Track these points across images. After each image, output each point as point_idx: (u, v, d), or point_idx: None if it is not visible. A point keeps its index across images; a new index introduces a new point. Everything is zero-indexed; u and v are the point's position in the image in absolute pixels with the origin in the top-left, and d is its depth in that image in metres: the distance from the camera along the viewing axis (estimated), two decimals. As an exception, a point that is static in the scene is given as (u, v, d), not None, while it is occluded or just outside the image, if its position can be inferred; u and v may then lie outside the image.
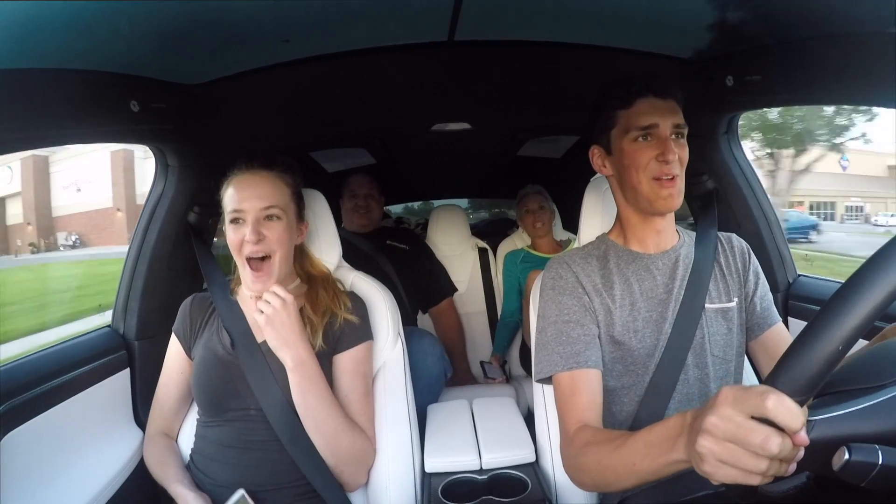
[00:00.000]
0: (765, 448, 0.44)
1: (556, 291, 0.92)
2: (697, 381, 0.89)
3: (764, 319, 0.94)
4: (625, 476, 0.66)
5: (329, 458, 0.94)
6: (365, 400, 1.02)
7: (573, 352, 0.86)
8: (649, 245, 0.93)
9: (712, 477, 0.48)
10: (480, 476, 1.06)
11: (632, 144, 0.87)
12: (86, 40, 0.82)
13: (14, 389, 0.90)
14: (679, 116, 0.87)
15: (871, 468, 0.41)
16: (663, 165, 0.84)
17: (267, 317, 0.92)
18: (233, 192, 0.96)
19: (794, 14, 0.87)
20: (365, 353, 1.03)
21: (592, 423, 0.81)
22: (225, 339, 1.00)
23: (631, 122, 0.86)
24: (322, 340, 0.98)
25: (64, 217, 10.32)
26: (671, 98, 0.87)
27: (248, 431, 0.95)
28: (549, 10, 1.00)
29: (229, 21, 0.89)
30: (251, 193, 0.95)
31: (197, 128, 1.17)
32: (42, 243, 9.96)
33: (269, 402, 0.94)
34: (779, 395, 0.44)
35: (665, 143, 0.84)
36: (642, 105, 0.86)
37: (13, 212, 10.30)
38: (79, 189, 8.02)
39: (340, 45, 1.12)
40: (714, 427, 0.47)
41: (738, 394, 0.47)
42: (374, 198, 1.97)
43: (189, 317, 1.06)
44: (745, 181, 1.31)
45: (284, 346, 0.92)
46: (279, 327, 0.92)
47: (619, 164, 0.90)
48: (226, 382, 0.97)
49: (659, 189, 0.85)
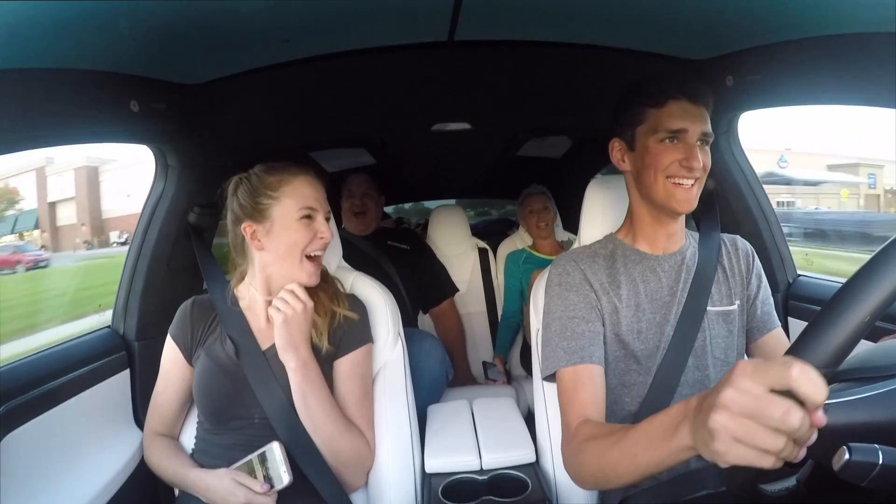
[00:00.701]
0: (785, 421, 0.41)
1: (563, 287, 0.92)
2: (698, 383, 0.89)
3: (763, 324, 0.94)
4: (625, 470, 0.65)
5: (328, 459, 0.94)
6: (363, 402, 1.02)
7: (577, 347, 0.86)
8: (658, 246, 0.93)
9: (722, 458, 0.46)
10: (481, 476, 1.06)
11: (658, 145, 0.85)
12: (85, 40, 0.81)
13: (14, 390, 0.90)
14: (708, 125, 0.85)
15: (871, 468, 0.41)
16: (685, 171, 0.83)
17: (285, 316, 0.92)
18: (305, 189, 0.98)
19: (795, 14, 0.87)
20: (363, 357, 1.03)
21: (594, 419, 0.81)
22: (229, 347, 0.99)
23: (661, 122, 0.85)
24: (328, 342, 0.98)
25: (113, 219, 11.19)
26: (703, 105, 0.85)
27: (252, 438, 0.94)
28: (549, 10, 1.00)
29: (229, 21, 0.89)
30: (320, 196, 1.00)
31: (197, 128, 1.17)
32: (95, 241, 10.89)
33: (272, 407, 0.94)
34: (803, 365, 0.41)
35: (692, 150, 0.83)
36: (674, 107, 0.84)
37: (67, 214, 11.32)
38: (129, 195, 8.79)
39: (340, 45, 1.12)
40: (731, 401, 0.44)
41: (758, 365, 0.44)
42: (372, 198, 1.95)
43: (190, 323, 1.04)
44: (745, 181, 1.31)
45: (292, 348, 0.92)
46: (294, 329, 0.93)
47: (639, 162, 0.89)
48: (230, 392, 0.96)
49: (675, 190, 0.85)
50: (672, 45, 1.15)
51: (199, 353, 1.01)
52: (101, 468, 1.02)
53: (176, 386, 1.03)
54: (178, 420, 1.07)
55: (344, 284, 1.11)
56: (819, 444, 0.44)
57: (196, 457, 1.00)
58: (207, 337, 1.03)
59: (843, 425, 0.44)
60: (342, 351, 1.01)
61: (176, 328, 1.05)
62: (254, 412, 0.95)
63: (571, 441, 0.80)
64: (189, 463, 0.97)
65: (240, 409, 0.96)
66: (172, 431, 1.06)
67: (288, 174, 0.99)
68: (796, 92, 1.02)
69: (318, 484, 0.93)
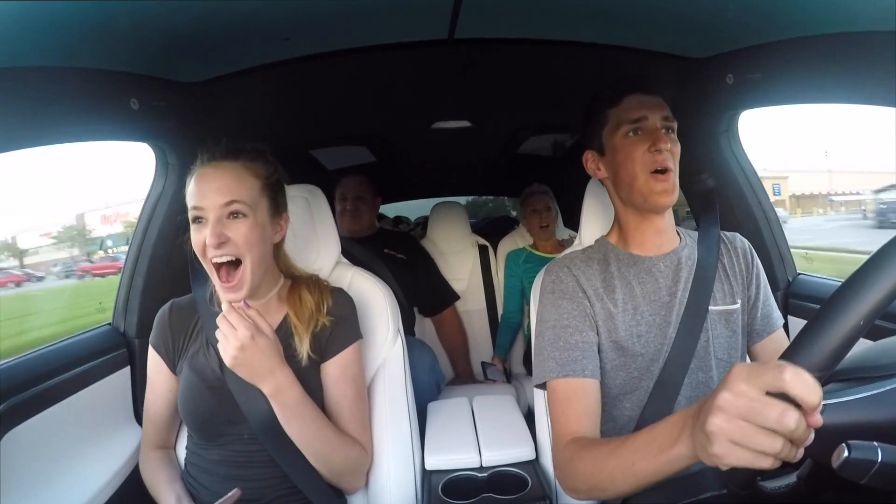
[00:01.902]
0: (781, 423, 0.42)
1: (556, 295, 0.91)
2: (701, 385, 0.87)
3: (764, 327, 0.93)
4: (622, 479, 0.64)
5: (323, 472, 0.90)
6: (356, 406, 0.95)
7: (570, 358, 0.85)
8: (649, 247, 0.92)
9: (721, 461, 0.46)
10: (481, 474, 1.06)
11: (624, 140, 0.87)
12: (85, 38, 0.81)
13: (14, 387, 0.90)
14: (667, 110, 0.88)
15: (870, 466, 0.41)
16: (656, 155, 0.84)
17: (233, 358, 0.79)
18: (192, 187, 0.84)
19: (795, 12, 0.87)
20: (353, 356, 0.95)
21: (588, 434, 0.80)
22: (213, 359, 0.91)
23: (621, 117, 0.88)
24: (310, 348, 0.91)
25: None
26: (658, 95, 0.89)
27: (242, 454, 0.90)
28: (548, 8, 1.00)
29: (229, 19, 0.89)
30: (211, 188, 0.82)
31: (197, 126, 1.17)
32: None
33: (259, 424, 0.87)
34: (796, 369, 0.42)
35: (656, 133, 0.85)
36: (630, 101, 0.88)
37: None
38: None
39: (341, 42, 1.12)
40: (727, 403, 0.45)
41: (753, 369, 0.44)
42: (365, 200, 1.91)
43: (169, 330, 0.97)
44: (745, 179, 1.31)
45: (258, 379, 0.83)
46: (253, 361, 0.80)
47: (613, 163, 0.90)
48: (216, 408, 0.89)
49: (654, 183, 0.85)
50: (672, 44, 1.15)
51: (182, 365, 0.95)
52: (101, 465, 1.02)
53: (164, 398, 0.97)
54: (171, 430, 1.02)
55: (342, 281, 1.10)
56: (817, 444, 0.44)
57: (189, 469, 0.96)
58: (190, 346, 0.96)
59: (841, 425, 0.44)
60: (329, 353, 0.93)
61: (156, 337, 0.97)
62: (242, 429, 0.89)
63: (564, 451, 0.79)
64: (165, 488, 0.92)
65: (227, 426, 0.90)
66: (167, 442, 1.03)
67: (197, 165, 0.87)
68: (796, 90, 1.01)
69: (313, 497, 0.90)
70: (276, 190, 0.92)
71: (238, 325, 0.79)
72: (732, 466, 0.46)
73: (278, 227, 0.93)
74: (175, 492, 0.92)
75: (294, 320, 0.92)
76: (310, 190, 1.12)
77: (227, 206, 0.82)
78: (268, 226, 0.89)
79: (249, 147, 0.90)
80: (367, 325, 1.08)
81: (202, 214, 0.83)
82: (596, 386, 0.85)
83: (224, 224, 0.82)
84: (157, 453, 1.01)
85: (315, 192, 1.13)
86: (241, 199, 0.83)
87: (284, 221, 0.95)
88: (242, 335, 0.78)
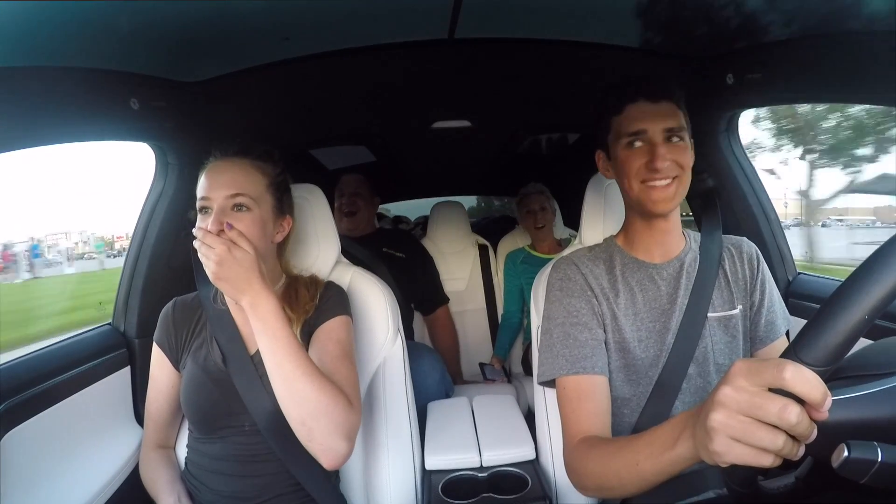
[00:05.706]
0: (783, 417, 0.41)
1: (564, 293, 0.91)
2: (700, 391, 0.87)
3: (767, 333, 0.92)
4: (627, 478, 0.65)
5: (293, 412, 0.80)
6: (340, 362, 0.90)
7: (580, 356, 0.85)
8: (654, 254, 0.92)
9: (721, 458, 0.46)
10: (481, 474, 1.06)
11: (624, 151, 0.86)
12: (85, 38, 0.81)
13: (15, 387, 0.90)
14: (672, 119, 0.84)
15: (870, 465, 0.41)
16: (652, 173, 0.83)
17: (211, 270, 0.79)
18: (203, 180, 0.88)
19: (795, 12, 0.87)
20: (339, 324, 0.94)
21: (600, 432, 0.80)
22: (216, 353, 0.93)
23: (622, 128, 0.86)
24: (301, 334, 0.92)
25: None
26: (664, 100, 0.84)
27: (243, 446, 0.91)
28: (548, 7, 1.00)
29: (229, 19, 0.89)
30: (219, 180, 0.86)
31: (197, 125, 1.17)
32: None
33: (261, 415, 0.88)
34: (796, 365, 0.42)
35: (654, 150, 0.82)
36: (632, 111, 0.85)
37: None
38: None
39: (341, 42, 1.12)
40: (728, 398, 0.44)
41: (753, 365, 0.44)
42: (363, 197, 1.91)
43: (173, 326, 0.99)
44: (746, 179, 1.31)
45: (239, 293, 0.80)
46: (228, 276, 0.79)
47: (616, 170, 0.90)
48: (218, 401, 0.91)
49: (650, 192, 0.84)
50: (672, 43, 1.15)
51: (185, 360, 0.96)
52: (102, 465, 1.02)
53: (166, 394, 0.99)
54: (172, 429, 1.03)
55: (342, 281, 1.10)
56: (818, 442, 0.43)
57: (189, 468, 0.97)
58: (193, 341, 0.97)
59: (842, 423, 0.44)
60: (315, 326, 0.93)
61: (160, 333, 0.99)
62: (243, 420, 0.90)
63: (573, 452, 0.79)
64: (164, 489, 0.93)
65: (229, 418, 0.91)
66: (168, 441, 1.04)
67: (210, 160, 0.91)
68: (796, 90, 1.01)
69: (312, 490, 0.91)
70: (281, 191, 0.95)
71: (213, 243, 0.79)
72: (732, 464, 0.45)
73: (280, 228, 0.95)
74: (175, 492, 0.93)
75: (289, 312, 0.92)
76: (309, 189, 1.12)
77: (233, 197, 0.86)
78: (270, 224, 0.92)
79: (261, 147, 0.94)
80: (366, 324, 1.08)
81: (208, 205, 0.86)
82: (605, 383, 0.85)
83: (227, 214, 0.85)
84: (158, 453, 1.01)
85: (315, 192, 1.13)
86: (247, 192, 0.87)
87: (287, 223, 0.97)
88: (220, 249, 0.79)
